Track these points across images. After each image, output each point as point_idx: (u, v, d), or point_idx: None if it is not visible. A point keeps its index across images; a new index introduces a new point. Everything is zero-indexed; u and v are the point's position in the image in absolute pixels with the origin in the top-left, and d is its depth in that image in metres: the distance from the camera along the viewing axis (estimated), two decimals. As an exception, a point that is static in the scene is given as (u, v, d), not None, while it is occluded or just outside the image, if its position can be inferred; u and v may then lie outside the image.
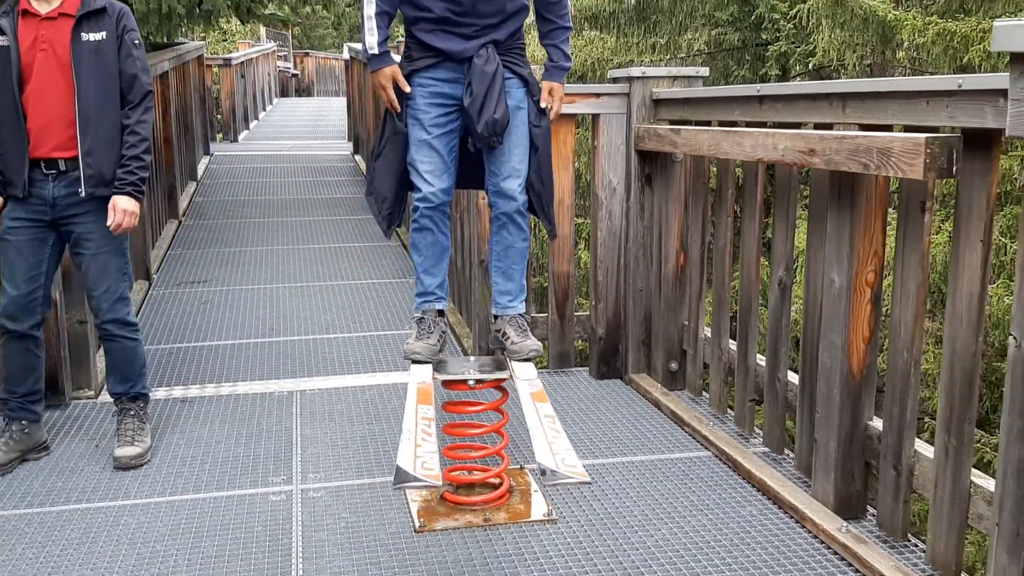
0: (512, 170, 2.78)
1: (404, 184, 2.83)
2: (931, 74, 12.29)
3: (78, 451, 3.23)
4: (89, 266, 3.05)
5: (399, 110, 2.79)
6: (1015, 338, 1.95)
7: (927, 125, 2.23)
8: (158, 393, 3.81)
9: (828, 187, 2.58)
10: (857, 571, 2.37)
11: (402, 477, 2.21)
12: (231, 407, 3.65)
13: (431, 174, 2.75)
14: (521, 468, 3.00)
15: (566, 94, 3.04)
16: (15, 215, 2.98)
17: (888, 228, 2.54)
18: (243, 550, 2.52)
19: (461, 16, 2.66)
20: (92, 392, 3.79)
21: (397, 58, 2.82)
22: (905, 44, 10.48)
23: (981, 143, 2.08)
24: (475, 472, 2.88)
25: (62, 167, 2.95)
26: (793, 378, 2.99)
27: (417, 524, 2.65)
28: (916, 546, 2.46)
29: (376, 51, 2.74)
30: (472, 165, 2.87)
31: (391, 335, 4.59)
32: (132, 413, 3.21)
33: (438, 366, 2.78)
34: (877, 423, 2.59)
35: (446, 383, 2.77)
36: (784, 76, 12.69)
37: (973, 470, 2.25)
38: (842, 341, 2.56)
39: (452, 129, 2.76)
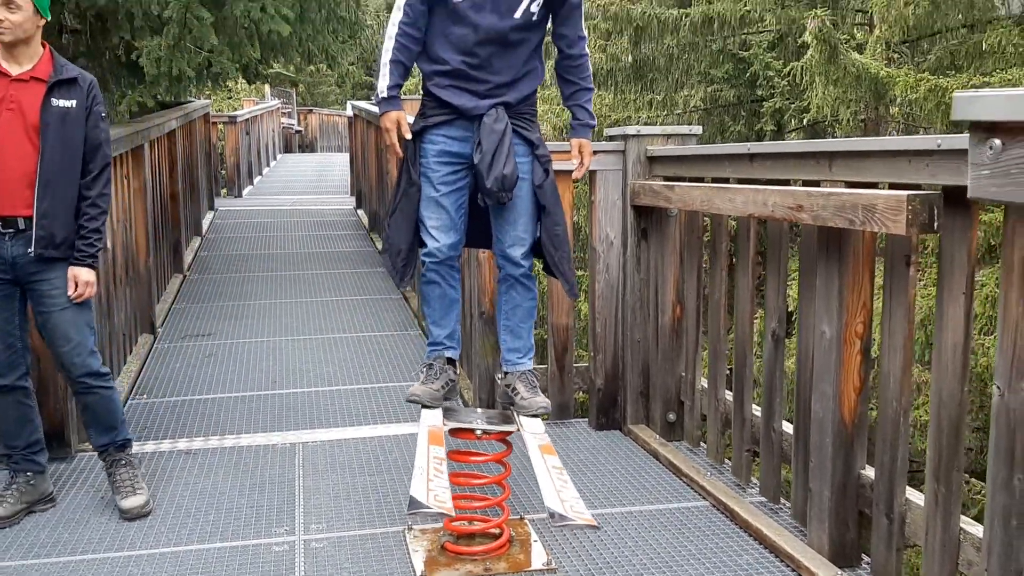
0: (517, 238, 2.89)
1: (417, 238, 2.92)
2: (924, 129, 12.51)
3: (83, 503, 3.27)
4: (56, 323, 3.05)
5: (400, 154, 2.91)
6: (999, 388, 2.02)
7: (910, 182, 2.32)
8: (163, 445, 3.86)
9: (817, 242, 2.67)
10: (852, 619, 2.40)
11: (415, 506, 2.29)
12: (234, 459, 3.69)
13: (438, 230, 2.85)
14: (521, 519, 3.04)
15: (562, 151, 3.16)
16: None
17: (876, 281, 2.62)
18: (247, 600, 2.55)
19: (475, 70, 2.78)
20: (97, 444, 3.83)
21: (409, 117, 2.93)
22: (898, 100, 10.68)
23: (960, 200, 2.16)
24: (476, 522, 2.92)
25: (21, 225, 2.97)
26: (788, 428, 3.04)
27: (419, 573, 2.68)
28: (910, 594, 2.49)
29: (386, 95, 2.86)
30: (483, 225, 2.97)
31: (393, 387, 4.65)
32: (124, 463, 3.24)
33: (447, 413, 2.84)
34: (870, 471, 2.64)
35: (454, 431, 2.84)
36: (779, 131, 12.90)
37: (962, 517, 2.29)
38: (833, 391, 2.63)
39: (461, 187, 2.86)
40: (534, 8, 2.79)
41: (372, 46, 22.52)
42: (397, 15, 2.84)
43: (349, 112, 12.96)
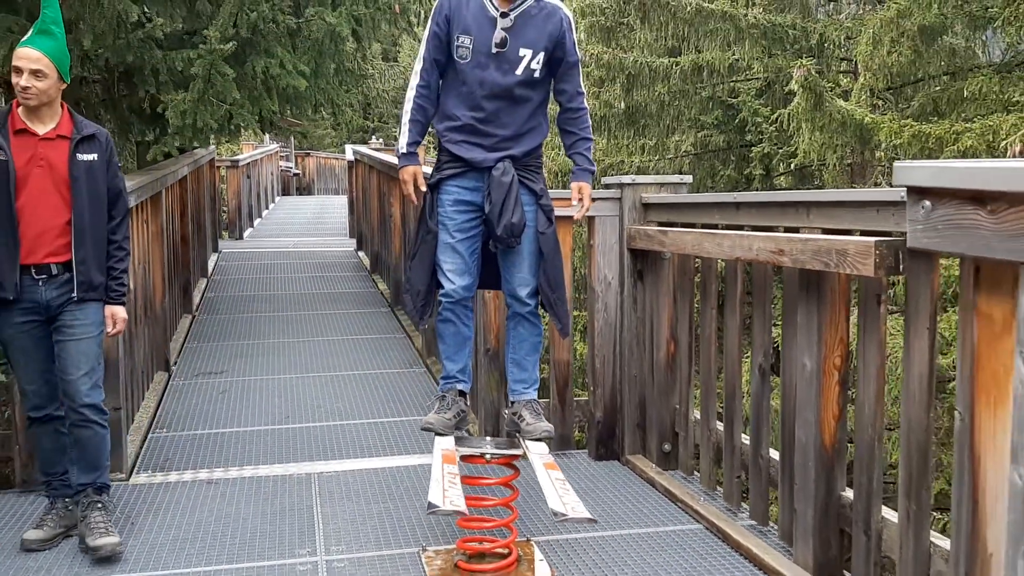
0: (524, 279, 3.19)
1: (435, 280, 3.19)
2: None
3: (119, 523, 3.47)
4: (71, 351, 3.22)
5: (416, 203, 3.23)
6: (959, 413, 2.27)
7: (880, 229, 2.59)
8: (185, 475, 4.07)
9: (798, 283, 2.93)
10: (834, 627, 2.63)
11: (433, 508, 2.61)
12: (254, 488, 3.91)
13: (454, 273, 3.13)
14: (528, 540, 3.26)
15: (564, 199, 3.45)
16: (13, 321, 3.20)
17: (853, 319, 2.88)
18: (277, 613, 2.77)
19: (483, 124, 3.09)
20: (124, 475, 4.04)
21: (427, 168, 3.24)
22: (883, 145, 11.03)
23: (923, 245, 2.43)
24: (486, 543, 3.14)
25: (53, 271, 3.20)
26: (775, 455, 3.28)
27: (434, 590, 2.90)
28: (887, 605, 2.72)
29: (405, 151, 3.21)
30: (492, 268, 3.26)
31: (401, 421, 4.87)
32: (100, 506, 3.32)
33: (458, 441, 3.09)
34: (850, 493, 2.88)
35: (464, 457, 3.08)
36: (768, 175, 13.25)
37: (932, 531, 2.53)
38: (815, 418, 2.87)
39: (474, 235, 3.15)
40: (535, 66, 3.10)
41: (374, 93, 23.02)
42: (415, 79, 3.18)
43: (349, 156, 13.28)
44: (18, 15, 5.28)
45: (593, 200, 4.09)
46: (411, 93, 3.18)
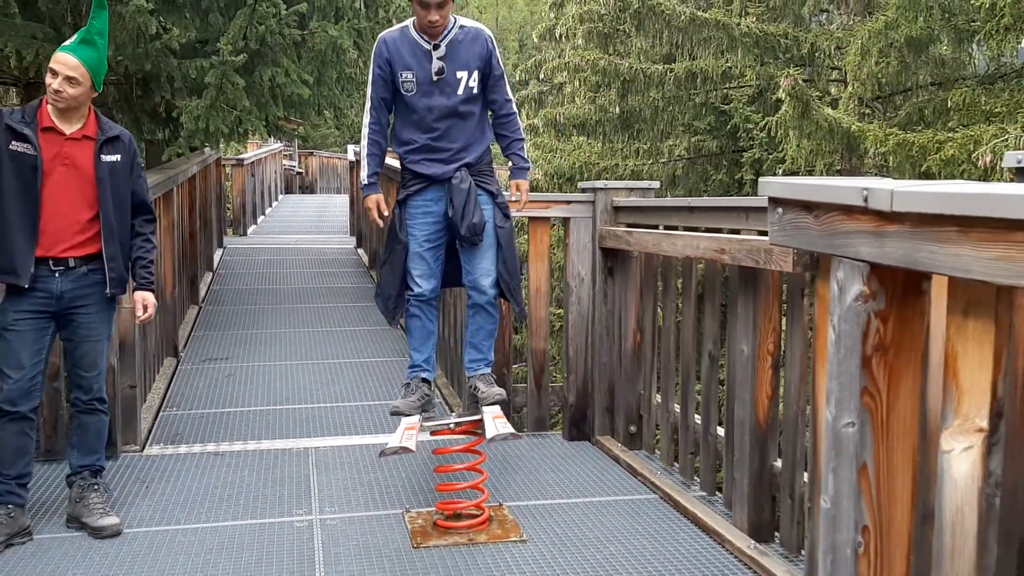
0: (484, 270, 3.61)
1: (404, 284, 3.62)
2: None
3: (133, 489, 3.87)
4: (88, 351, 3.40)
5: (380, 225, 3.73)
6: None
7: (804, 232, 2.99)
8: (194, 448, 4.48)
9: (739, 278, 3.34)
10: (759, 576, 3.03)
11: (384, 451, 3.29)
12: (256, 459, 4.31)
13: (421, 278, 3.59)
14: (500, 505, 3.66)
15: (544, 200, 3.89)
16: (20, 308, 3.26)
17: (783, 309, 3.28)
18: (276, 561, 3.17)
19: (438, 141, 3.53)
20: (138, 447, 4.45)
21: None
22: (870, 153, 11.41)
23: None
24: (461, 504, 3.55)
25: (71, 264, 3.32)
26: (721, 432, 3.68)
27: (413, 543, 3.30)
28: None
29: (366, 182, 3.68)
30: (454, 268, 3.69)
31: (391, 404, 5.26)
32: (97, 487, 3.48)
33: (425, 419, 3.53)
34: (780, 464, 3.28)
35: (434, 431, 3.52)
36: (758, 180, 13.62)
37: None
38: (750, 398, 3.28)
39: (439, 243, 3.60)
40: (472, 84, 3.56)
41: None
42: (366, 118, 3.63)
43: (350, 156, 13.68)
44: (42, 23, 5.68)
45: (568, 203, 4.52)
46: (365, 131, 3.64)
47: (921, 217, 1.30)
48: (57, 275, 3.31)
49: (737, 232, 3.37)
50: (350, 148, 14.61)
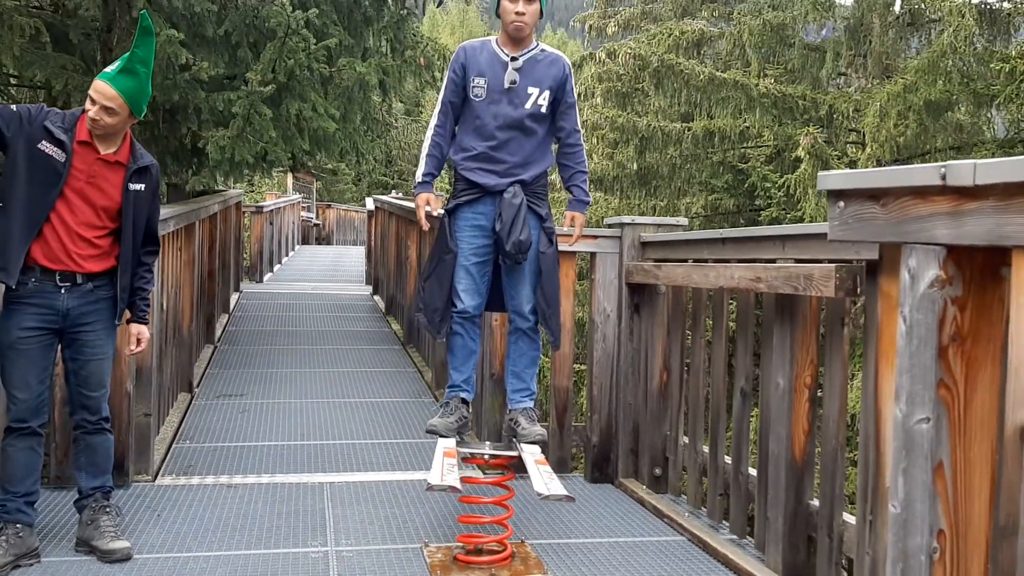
0: (527, 296, 3.54)
1: (451, 298, 3.54)
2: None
3: (144, 517, 3.76)
4: (93, 370, 3.33)
5: (426, 226, 3.64)
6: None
7: (843, 258, 2.91)
8: (207, 479, 4.37)
9: (774, 308, 3.25)
10: (797, 618, 2.88)
11: (430, 485, 3.01)
12: (270, 492, 4.19)
13: (466, 293, 3.49)
14: (523, 542, 3.53)
15: (570, 235, 3.81)
16: (25, 325, 3.19)
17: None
18: (290, 589, 3.04)
19: (496, 151, 3.49)
20: (150, 477, 4.34)
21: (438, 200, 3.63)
22: (888, 214, 11.32)
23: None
24: (483, 539, 3.41)
25: (78, 280, 3.25)
26: (753, 472, 3.55)
27: (434, 576, 3.17)
28: (847, 603, 2.97)
29: (420, 179, 3.63)
30: (497, 293, 3.62)
31: (408, 443, 5.16)
32: (109, 510, 3.41)
33: (460, 444, 3.39)
34: (817, 502, 3.14)
35: (466, 458, 3.38)
36: (776, 239, 13.55)
37: (885, 531, 2.80)
38: (786, 433, 3.16)
39: (486, 259, 3.53)
40: (541, 101, 3.53)
41: (396, 145, 23.74)
42: (434, 120, 3.64)
43: (370, 206, 13.75)
44: (72, 54, 5.74)
45: (595, 237, 4.46)
46: (430, 132, 3.64)
47: (1008, 188, 1.23)
48: (63, 291, 3.24)
49: (773, 262, 3.29)
50: (368, 200, 14.71)
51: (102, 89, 3.18)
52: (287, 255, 17.67)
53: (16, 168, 3.15)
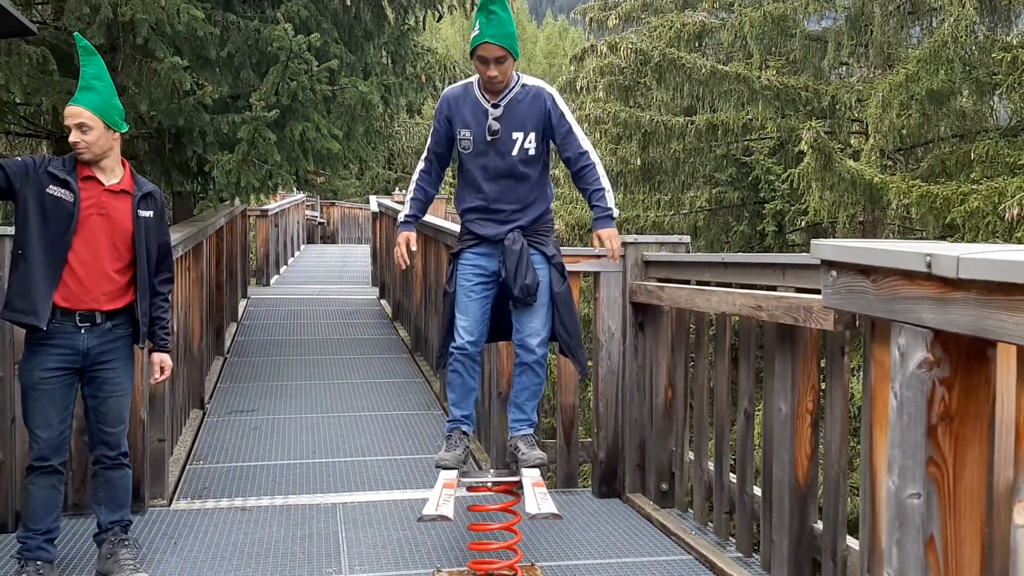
0: (534, 330, 3.58)
1: (449, 335, 3.61)
2: (919, 231, 13.18)
3: (160, 546, 3.83)
4: (113, 406, 3.38)
5: (405, 263, 3.71)
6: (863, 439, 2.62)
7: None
8: (221, 503, 4.44)
9: (776, 335, 3.30)
10: (802, 643, 2.94)
11: (422, 517, 3.17)
12: (285, 515, 4.27)
13: (465, 329, 3.55)
14: (532, 565, 3.60)
15: (573, 255, 3.87)
16: (47, 366, 3.25)
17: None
18: (307, 621, 3.12)
19: (492, 203, 3.55)
20: (165, 501, 4.42)
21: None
22: (893, 204, 11.36)
23: (877, 304, 2.80)
24: (494, 564, 3.48)
25: (97, 320, 3.30)
26: (758, 491, 3.61)
27: (447, 604, 3.24)
28: (852, 625, 3.03)
29: (402, 219, 3.73)
30: (502, 322, 3.68)
31: (419, 458, 5.23)
32: (128, 543, 3.47)
33: (464, 474, 3.46)
34: (821, 525, 3.20)
35: (470, 488, 3.45)
36: (780, 232, 13.59)
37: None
38: (789, 458, 3.22)
39: (486, 296, 3.59)
40: (528, 145, 3.54)
41: (399, 149, 23.81)
42: (420, 165, 3.71)
43: (374, 207, 13.78)
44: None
45: (598, 257, 4.50)
46: (415, 176, 3.73)
47: (988, 285, 1.28)
48: (83, 331, 3.29)
49: (773, 288, 3.34)
50: (372, 199, 14.73)
51: (68, 111, 3.29)
52: (293, 256, 17.74)
53: (30, 216, 3.23)
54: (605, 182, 3.62)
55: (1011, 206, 9.09)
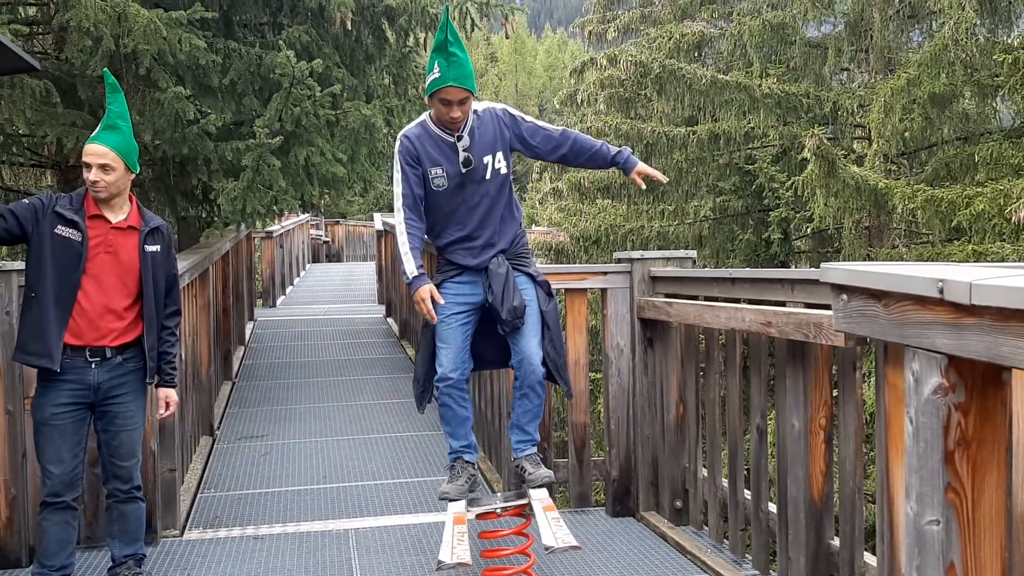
0: (534, 350, 3.55)
1: (431, 368, 3.60)
2: (925, 235, 13.13)
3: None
4: (124, 440, 3.38)
5: (435, 321, 3.53)
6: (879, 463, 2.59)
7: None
8: (233, 531, 4.43)
9: (787, 350, 3.28)
10: (823, 663, 2.91)
11: (441, 564, 3.01)
12: (298, 543, 4.25)
13: (448, 359, 3.54)
14: (548, 588, 3.58)
15: (580, 272, 3.88)
16: (58, 401, 3.26)
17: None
18: (322, 652, 3.10)
19: (473, 232, 3.57)
20: (177, 531, 4.41)
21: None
22: (898, 209, 11.32)
23: (887, 318, 2.78)
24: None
25: (107, 355, 3.30)
26: (773, 508, 3.58)
27: (463, 631, 3.22)
28: (872, 643, 3.00)
29: (416, 274, 3.53)
30: (496, 348, 3.67)
31: (430, 480, 5.21)
32: None
33: (472, 502, 3.45)
34: (838, 541, 3.18)
35: (479, 516, 3.44)
36: (786, 239, 13.56)
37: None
38: (804, 474, 3.19)
39: (467, 324, 3.58)
40: (498, 165, 3.57)
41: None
42: (401, 215, 3.55)
43: (378, 226, 13.80)
44: (81, 110, 5.82)
45: (605, 273, 4.50)
46: (402, 227, 3.54)
47: (1003, 312, 1.26)
48: (93, 366, 3.30)
49: (783, 304, 3.33)
50: (377, 216, 14.75)
51: (93, 150, 3.28)
52: (299, 275, 17.78)
53: (40, 258, 3.24)
54: (597, 140, 3.67)
55: (1017, 208, 9.06)
